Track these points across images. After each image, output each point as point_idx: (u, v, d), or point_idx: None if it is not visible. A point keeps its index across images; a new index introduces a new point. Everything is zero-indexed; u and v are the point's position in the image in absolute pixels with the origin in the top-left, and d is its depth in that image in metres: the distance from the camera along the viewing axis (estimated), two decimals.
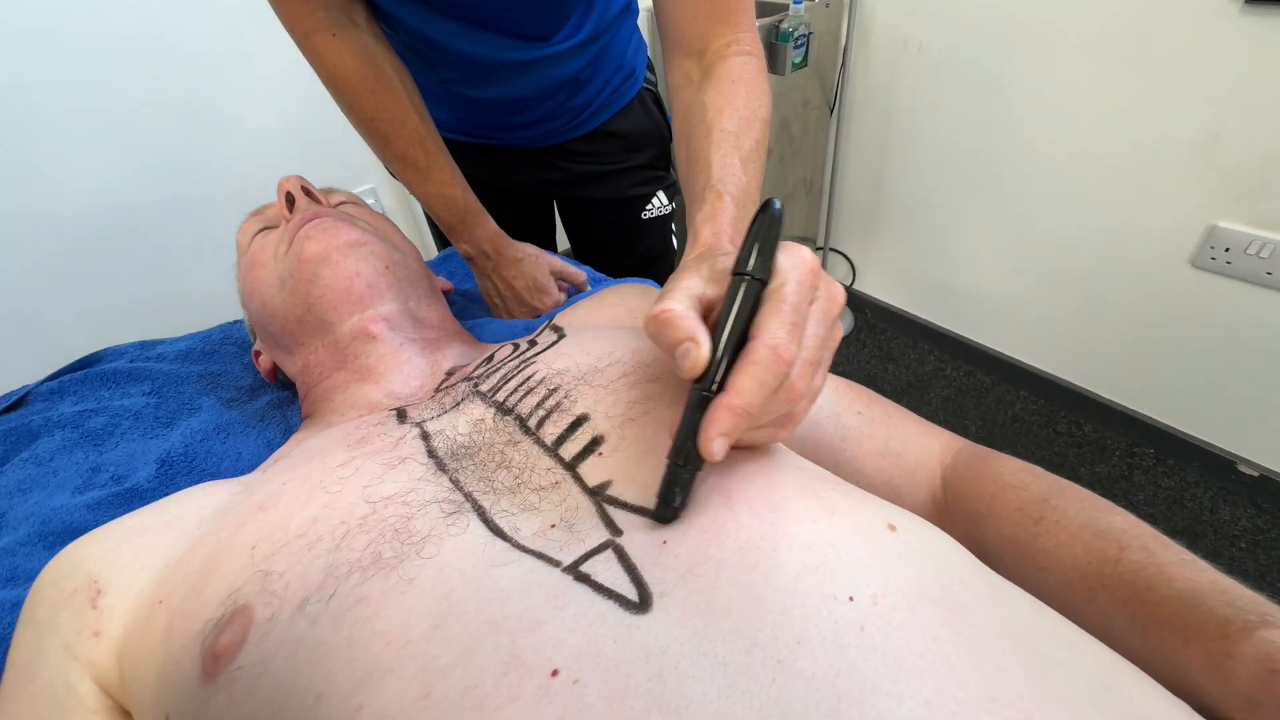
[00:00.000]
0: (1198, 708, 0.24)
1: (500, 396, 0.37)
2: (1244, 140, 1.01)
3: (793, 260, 0.26)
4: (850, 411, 0.46)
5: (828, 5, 1.38)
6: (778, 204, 0.27)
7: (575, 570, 0.25)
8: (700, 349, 0.25)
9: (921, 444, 0.44)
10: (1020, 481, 0.38)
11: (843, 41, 1.45)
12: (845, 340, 1.77)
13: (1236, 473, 1.25)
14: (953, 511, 0.41)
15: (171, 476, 0.49)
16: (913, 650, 0.21)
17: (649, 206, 0.87)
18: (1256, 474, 1.22)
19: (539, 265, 0.69)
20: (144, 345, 0.66)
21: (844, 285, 1.82)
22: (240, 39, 1.24)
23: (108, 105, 1.14)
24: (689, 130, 0.48)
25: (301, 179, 0.52)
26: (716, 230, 0.39)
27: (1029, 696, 0.20)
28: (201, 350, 0.64)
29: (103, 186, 1.18)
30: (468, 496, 0.30)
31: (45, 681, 0.30)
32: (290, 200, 0.51)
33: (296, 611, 0.25)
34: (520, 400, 0.36)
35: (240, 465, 0.51)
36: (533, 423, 0.34)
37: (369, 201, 1.58)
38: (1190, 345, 1.21)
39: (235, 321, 0.70)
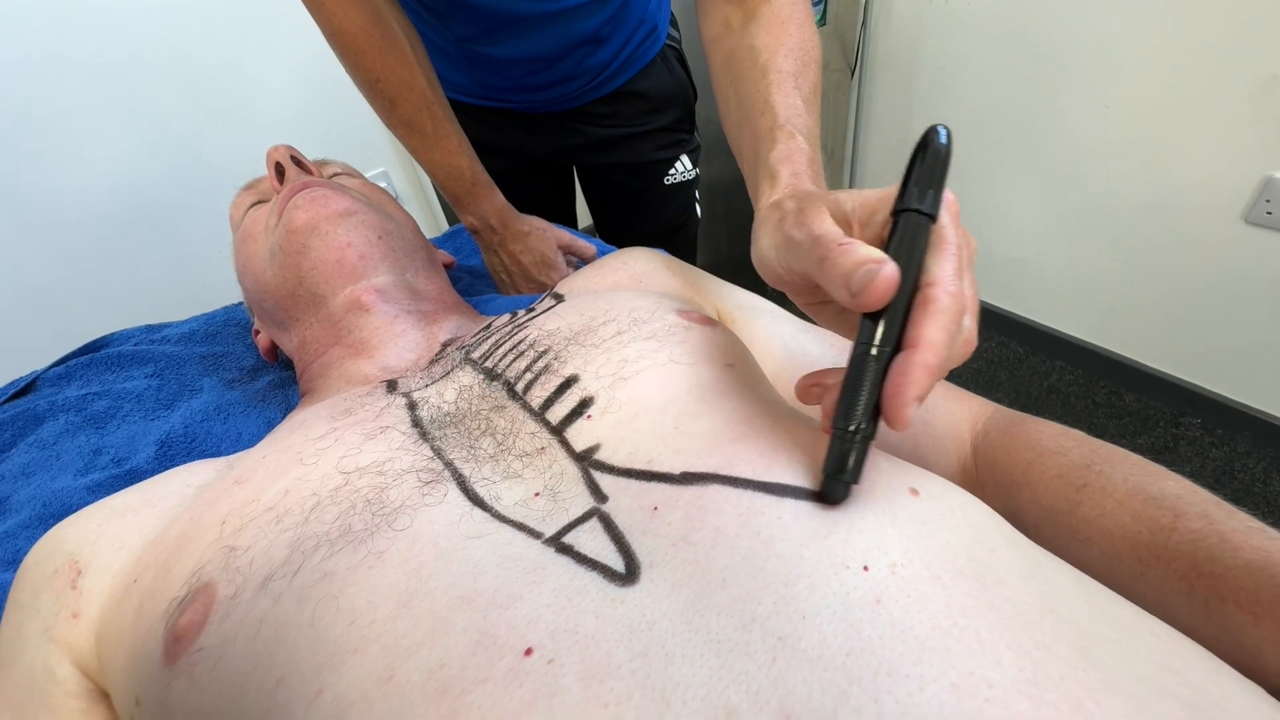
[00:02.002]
0: (1272, 691, 0.21)
1: (490, 362, 0.35)
2: None
3: (945, 198, 0.23)
4: None
5: None
6: (944, 133, 0.23)
7: (557, 542, 0.23)
8: (887, 267, 0.21)
9: (950, 410, 0.41)
10: (1060, 447, 0.34)
11: None
12: None
13: None
14: (985, 482, 0.37)
15: (171, 457, 0.48)
16: (937, 626, 0.18)
17: (671, 171, 0.83)
18: None
19: (546, 240, 0.66)
20: (150, 329, 0.66)
21: None
22: (257, 23, 1.23)
23: (123, 91, 1.15)
24: (738, 75, 0.44)
25: (291, 148, 0.50)
26: (795, 171, 0.35)
27: (1076, 679, 0.17)
28: (205, 332, 0.63)
29: (120, 173, 1.19)
30: (448, 465, 0.28)
31: (26, 664, 0.29)
32: (280, 171, 0.49)
33: (260, 589, 0.24)
34: (510, 364, 0.33)
35: (240, 445, 0.50)
36: (520, 386, 0.31)
37: (381, 185, 1.58)
38: (1242, 307, 1.14)
39: (239, 303, 0.69)
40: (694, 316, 0.35)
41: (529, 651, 0.19)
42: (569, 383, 0.30)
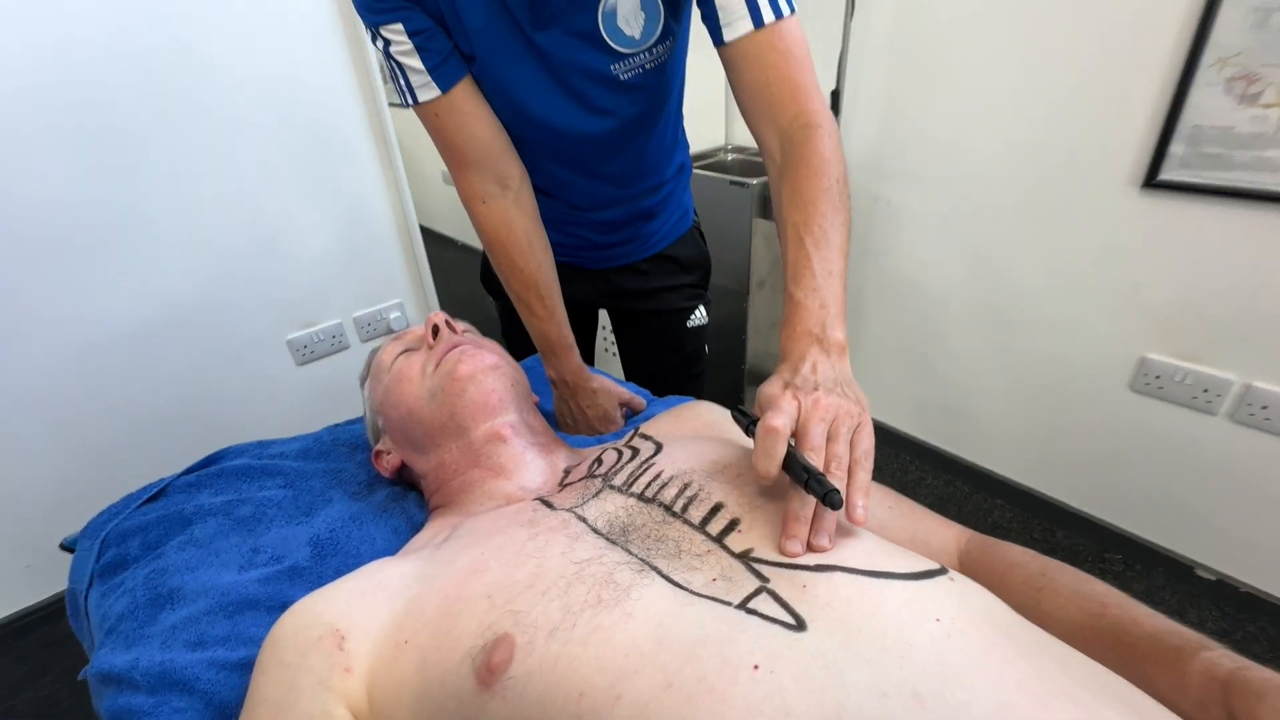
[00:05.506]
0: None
1: (637, 489, 0.49)
2: (1160, 288, 1.23)
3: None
4: (883, 507, 0.58)
5: None
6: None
7: (744, 607, 0.36)
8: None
9: (941, 533, 0.56)
10: (1021, 560, 0.50)
11: None
12: None
13: (1196, 577, 1.37)
14: None
15: (324, 556, 0.57)
16: (986, 654, 0.32)
17: (692, 318, 1.05)
18: (1214, 578, 1.35)
19: (610, 398, 0.83)
20: (261, 445, 0.76)
21: None
22: (298, 170, 1.43)
23: (182, 221, 1.30)
24: (779, 215, 0.59)
25: (445, 315, 0.66)
26: (789, 335, 0.51)
27: (1069, 685, 0.31)
28: (317, 450, 0.74)
29: (153, 294, 1.31)
30: (643, 560, 0.41)
31: (303, 711, 0.38)
32: (435, 330, 0.64)
33: (549, 637, 0.35)
34: (659, 491, 0.47)
35: (375, 548, 0.60)
36: (678, 508, 0.45)
37: (394, 315, 1.76)
38: (1140, 460, 1.38)
39: (338, 425, 0.80)
40: None
41: (756, 667, 0.31)
42: (718, 508, 0.44)
